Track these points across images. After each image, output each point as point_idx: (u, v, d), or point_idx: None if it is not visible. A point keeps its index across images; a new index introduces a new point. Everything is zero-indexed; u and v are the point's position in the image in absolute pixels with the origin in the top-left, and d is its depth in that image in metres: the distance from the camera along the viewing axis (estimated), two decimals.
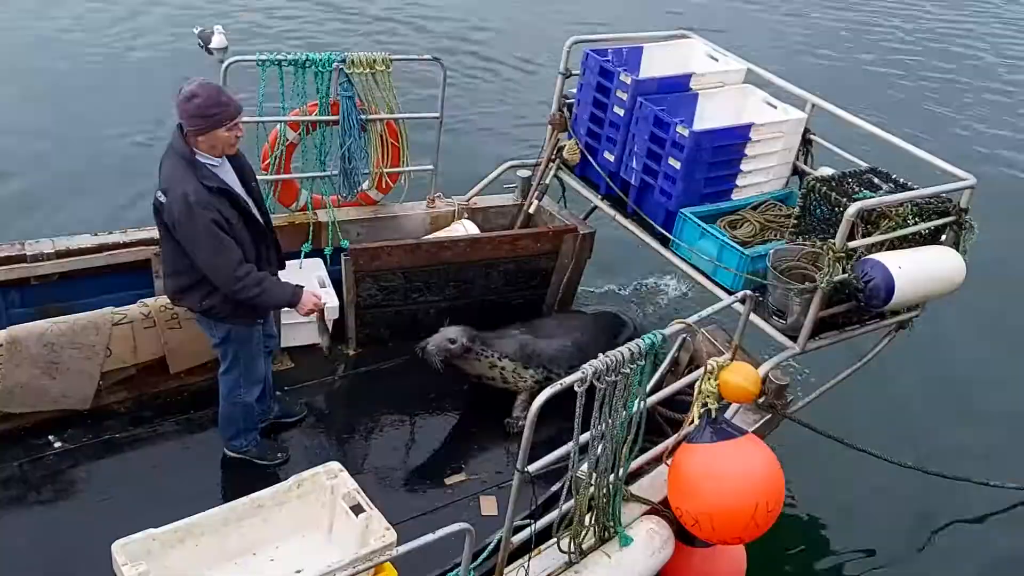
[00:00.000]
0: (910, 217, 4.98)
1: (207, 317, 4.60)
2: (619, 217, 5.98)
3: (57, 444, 4.99)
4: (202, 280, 4.40)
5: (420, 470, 5.30)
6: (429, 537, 3.27)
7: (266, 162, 5.80)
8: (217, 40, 11.07)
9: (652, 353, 3.62)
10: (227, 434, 4.99)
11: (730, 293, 5.24)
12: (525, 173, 6.50)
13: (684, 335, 5.38)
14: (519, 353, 5.53)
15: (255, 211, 4.52)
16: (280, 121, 5.73)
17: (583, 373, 3.38)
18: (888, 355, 5.73)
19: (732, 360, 4.10)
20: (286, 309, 5.50)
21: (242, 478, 4.94)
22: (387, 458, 5.33)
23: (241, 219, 4.37)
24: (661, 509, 4.30)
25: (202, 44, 11.19)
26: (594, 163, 6.04)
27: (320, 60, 5.59)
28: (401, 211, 6.37)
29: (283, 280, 4.62)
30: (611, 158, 5.92)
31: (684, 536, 4.33)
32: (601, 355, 3.47)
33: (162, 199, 4.23)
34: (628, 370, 3.53)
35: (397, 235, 6.25)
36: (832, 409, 5.78)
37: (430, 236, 6.27)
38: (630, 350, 3.52)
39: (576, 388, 3.40)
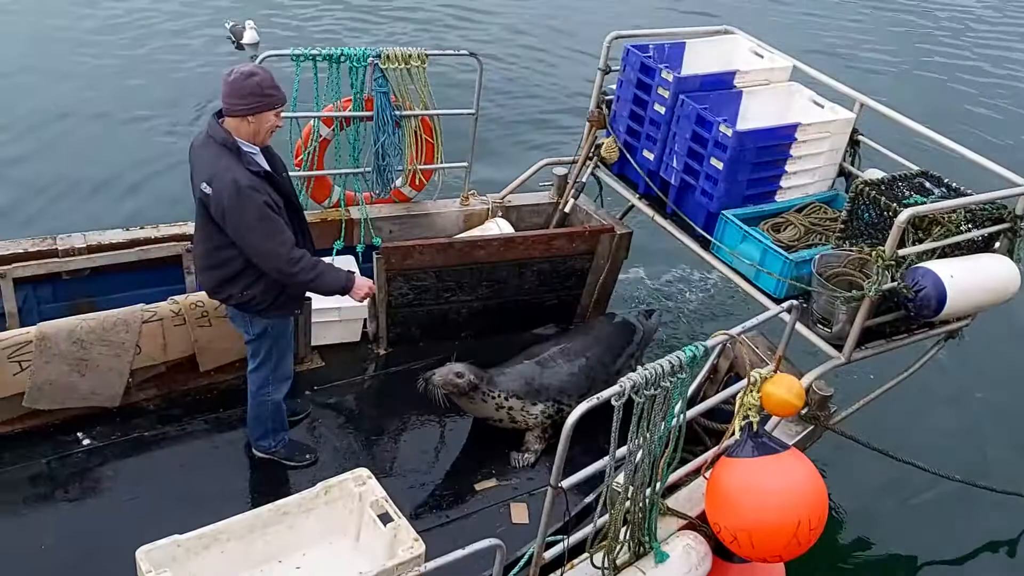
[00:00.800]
0: (963, 224, 4.79)
1: (245, 311, 4.49)
2: (657, 217, 5.82)
3: (86, 441, 4.95)
4: (244, 271, 4.31)
5: (449, 474, 5.19)
6: (459, 553, 3.18)
7: (299, 158, 5.72)
8: (249, 35, 11.03)
9: (693, 366, 3.47)
10: (255, 434, 4.92)
11: (772, 298, 5.10)
12: (561, 171, 6.37)
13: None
14: (525, 389, 5.26)
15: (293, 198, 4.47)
16: (314, 117, 5.65)
17: (621, 387, 3.25)
18: (934, 363, 5.53)
19: (776, 372, 3.94)
20: (319, 307, 5.47)
21: (270, 479, 4.90)
22: (416, 461, 5.23)
23: (284, 204, 4.32)
24: (698, 524, 4.15)
25: (233, 39, 11.16)
26: (633, 162, 5.88)
27: (355, 55, 5.49)
28: (434, 209, 6.27)
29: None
30: (650, 157, 5.76)
31: (721, 552, 4.19)
32: (640, 367, 3.33)
33: (207, 190, 4.13)
34: (668, 383, 3.38)
35: (430, 233, 6.15)
36: (874, 418, 5.59)
37: (463, 235, 6.17)
38: (670, 363, 3.37)
39: (613, 403, 3.26)
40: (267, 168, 4.27)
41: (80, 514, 4.58)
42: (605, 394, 3.26)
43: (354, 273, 4.51)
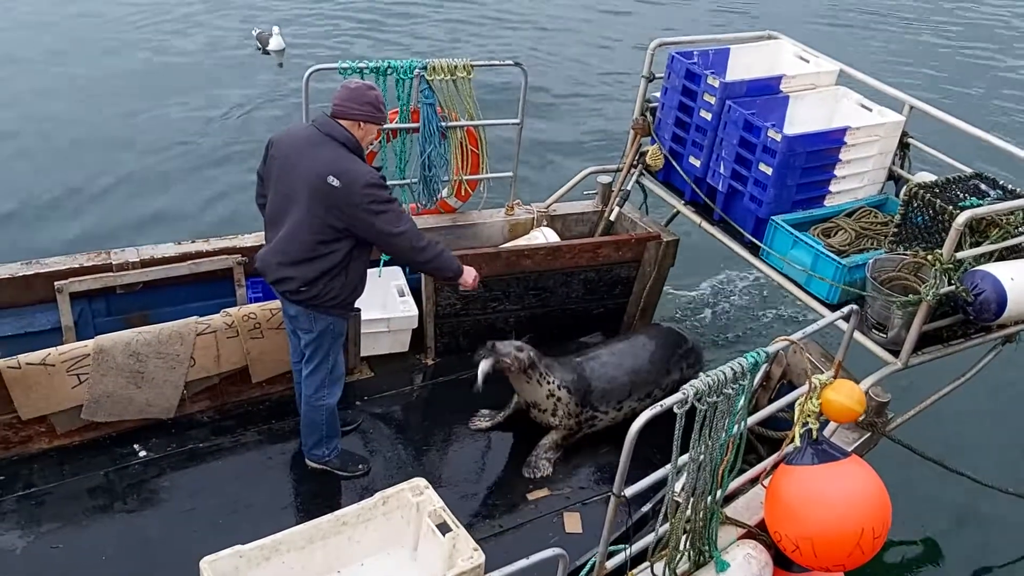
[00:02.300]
0: (1021, 226, 4.71)
1: (313, 307, 4.51)
2: (705, 224, 5.79)
3: (142, 453, 5.00)
4: (337, 264, 4.41)
5: (501, 484, 5.17)
6: (523, 563, 3.15)
7: None
8: (275, 42, 11.14)
9: (755, 372, 3.44)
10: (309, 442, 4.94)
11: (825, 304, 5.05)
12: (606, 179, 6.37)
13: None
14: (576, 385, 5.22)
15: None
16: None
17: (684, 394, 3.22)
18: (989, 369, 5.42)
19: (835, 378, 3.89)
20: (368, 318, 5.50)
21: (324, 490, 4.92)
22: (467, 471, 5.22)
23: None
24: (758, 533, 4.11)
25: (259, 46, 11.26)
26: (679, 168, 5.86)
27: (401, 67, 5.52)
28: (480, 219, 6.29)
29: None
30: (696, 163, 5.74)
31: (781, 561, 4.14)
32: (702, 374, 3.31)
33: (335, 183, 4.22)
34: (731, 390, 3.36)
35: (475, 243, 6.17)
36: (925, 426, 5.49)
37: (509, 244, 6.17)
38: (732, 369, 3.35)
39: (676, 410, 3.24)
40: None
41: (139, 525, 4.63)
42: (668, 401, 3.24)
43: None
